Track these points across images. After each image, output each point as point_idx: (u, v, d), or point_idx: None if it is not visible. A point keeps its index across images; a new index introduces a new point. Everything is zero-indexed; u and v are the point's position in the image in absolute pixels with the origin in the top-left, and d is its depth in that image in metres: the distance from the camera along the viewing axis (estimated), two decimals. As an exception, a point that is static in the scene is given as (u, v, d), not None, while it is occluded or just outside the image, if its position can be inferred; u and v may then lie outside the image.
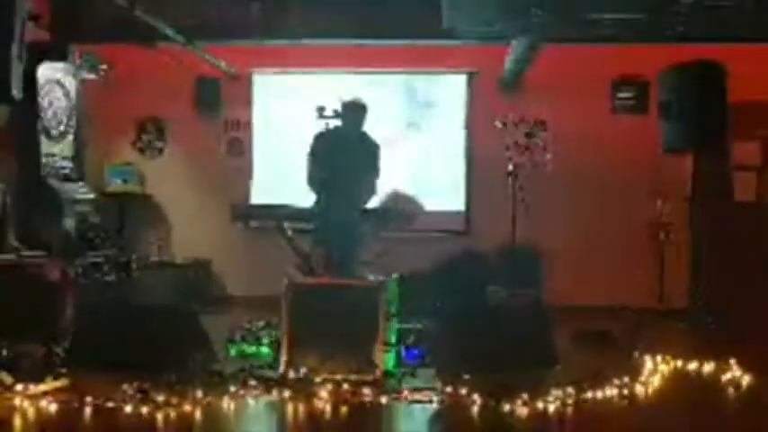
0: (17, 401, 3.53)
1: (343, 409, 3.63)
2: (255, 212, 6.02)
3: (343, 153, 5.39)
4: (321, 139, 5.55)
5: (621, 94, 7.44)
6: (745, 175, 7.06)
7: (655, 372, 4.35)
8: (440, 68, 7.61)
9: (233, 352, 4.57)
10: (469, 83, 7.60)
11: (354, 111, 5.50)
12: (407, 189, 6.97)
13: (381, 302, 4.14)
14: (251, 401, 3.73)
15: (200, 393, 3.66)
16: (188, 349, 4.17)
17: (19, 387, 3.69)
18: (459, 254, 5.65)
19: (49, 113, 6.34)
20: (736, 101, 5.56)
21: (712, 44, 6.13)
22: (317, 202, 5.41)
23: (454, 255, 5.54)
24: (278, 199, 6.84)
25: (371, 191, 5.50)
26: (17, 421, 3.33)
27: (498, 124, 7.15)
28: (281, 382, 3.95)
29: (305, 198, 5.61)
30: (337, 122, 5.51)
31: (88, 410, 3.45)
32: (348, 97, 5.53)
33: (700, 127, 5.45)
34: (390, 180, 7.34)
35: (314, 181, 5.48)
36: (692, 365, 4.53)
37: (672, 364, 4.54)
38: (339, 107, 5.47)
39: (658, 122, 5.81)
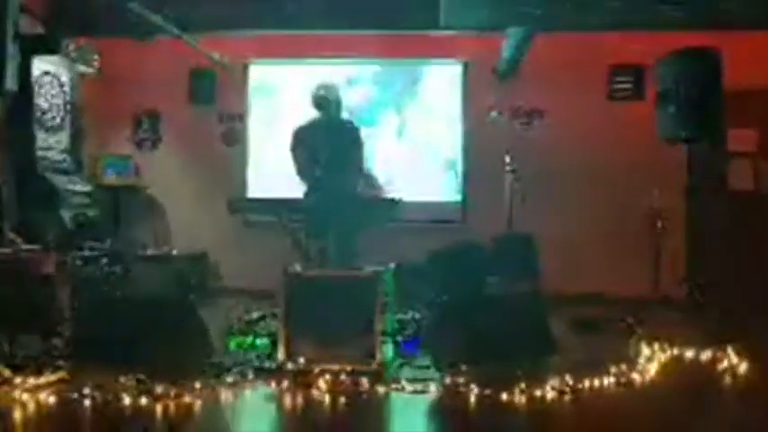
0: (16, 394, 3.54)
1: (342, 399, 3.64)
2: (253, 205, 6.03)
3: (330, 141, 5.44)
4: (303, 132, 5.61)
5: (618, 82, 7.42)
6: (742, 162, 7.08)
7: (652, 360, 4.36)
8: (436, 58, 7.60)
9: (231, 344, 4.57)
10: (465, 72, 7.59)
11: (332, 100, 5.55)
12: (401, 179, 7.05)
13: (378, 293, 4.14)
14: (249, 393, 3.75)
15: (198, 385, 3.66)
16: (186, 341, 4.17)
17: (18, 380, 3.69)
18: (457, 244, 5.65)
19: (45, 106, 6.33)
20: (732, 88, 5.56)
21: (708, 31, 6.12)
22: (308, 194, 5.44)
23: (451, 245, 5.55)
24: (275, 190, 6.88)
25: (360, 171, 5.67)
26: (16, 414, 3.33)
27: (494, 114, 7.14)
28: (280, 373, 3.96)
29: (301, 189, 5.63)
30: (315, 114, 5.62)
31: (87, 403, 3.46)
32: (322, 90, 5.56)
33: (695, 115, 5.45)
34: (387, 170, 7.43)
35: (305, 172, 5.51)
36: (689, 353, 4.55)
37: (669, 351, 4.56)
38: (316, 99, 5.53)
39: (655, 109, 5.81)
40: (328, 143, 5.44)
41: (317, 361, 4.02)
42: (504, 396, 3.60)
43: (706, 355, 4.50)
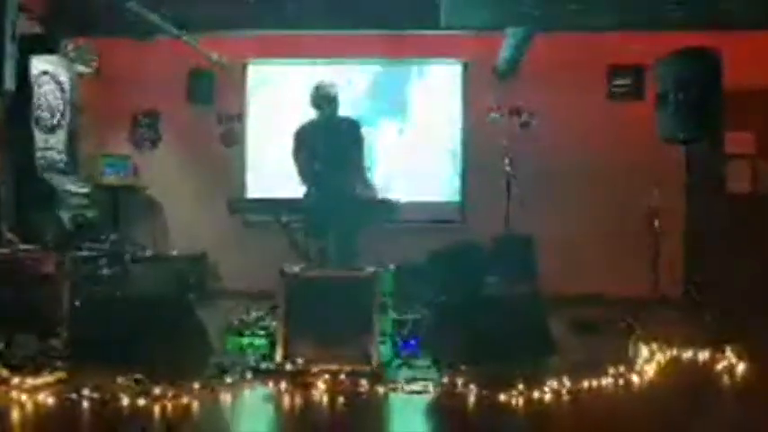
0: (14, 395, 3.53)
1: (340, 399, 3.64)
2: (252, 205, 6.02)
3: (329, 140, 5.43)
4: (303, 133, 5.60)
5: (617, 82, 7.42)
6: (739, 164, 7.08)
7: (651, 360, 4.36)
8: (436, 58, 7.59)
9: (229, 344, 4.56)
10: (465, 72, 7.58)
11: (331, 99, 5.54)
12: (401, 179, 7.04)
13: (377, 293, 4.14)
14: (248, 393, 3.74)
15: (196, 385, 3.66)
16: (185, 342, 4.17)
17: (16, 380, 3.69)
18: (456, 244, 5.66)
19: (43, 106, 6.31)
20: (730, 89, 5.56)
21: (707, 31, 6.12)
22: (308, 194, 5.43)
23: (451, 245, 5.55)
24: (274, 191, 6.86)
25: (361, 168, 5.63)
26: (14, 414, 3.33)
27: (493, 115, 7.14)
28: (278, 374, 3.96)
29: (301, 189, 5.62)
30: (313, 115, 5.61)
31: (85, 403, 3.45)
32: (320, 89, 5.55)
33: (695, 116, 5.45)
34: (386, 170, 7.42)
35: (306, 173, 5.50)
36: (688, 354, 4.55)
37: (668, 352, 4.56)
38: (314, 98, 5.52)
39: (654, 109, 5.81)
40: (328, 142, 5.42)
41: (315, 361, 4.01)
42: (503, 397, 3.59)
43: (704, 356, 4.50)
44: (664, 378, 4.11)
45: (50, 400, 3.47)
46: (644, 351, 4.52)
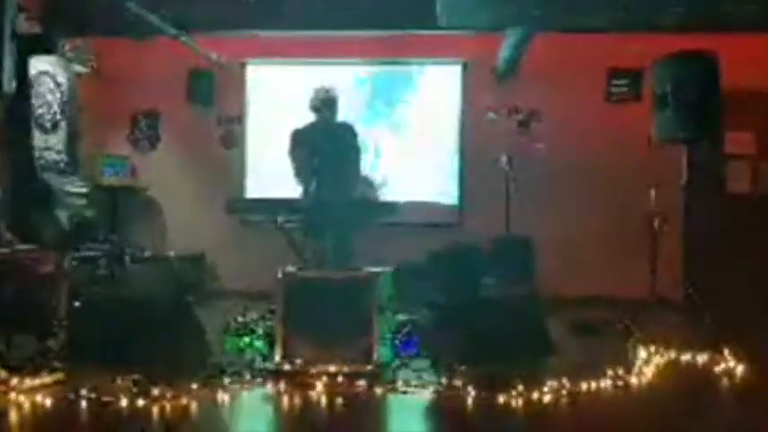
0: (12, 396, 3.53)
1: (338, 400, 3.63)
2: (250, 206, 6.02)
3: (328, 143, 5.44)
4: (301, 134, 5.62)
5: (615, 83, 7.42)
6: (739, 165, 7.08)
7: (649, 362, 4.36)
8: (436, 58, 7.59)
9: (228, 345, 4.56)
10: (464, 73, 7.58)
11: (330, 103, 5.56)
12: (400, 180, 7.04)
13: (376, 294, 4.14)
14: (246, 394, 3.74)
15: (195, 386, 3.66)
16: (183, 342, 4.17)
17: (14, 381, 3.68)
18: (455, 245, 5.66)
19: (42, 107, 6.31)
20: (729, 90, 5.56)
21: (705, 33, 6.12)
22: (306, 194, 5.44)
23: (449, 246, 5.55)
24: (273, 191, 6.86)
25: (357, 173, 5.69)
26: (13, 416, 3.32)
27: (492, 115, 7.14)
28: (277, 375, 3.95)
29: (299, 190, 5.62)
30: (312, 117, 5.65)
31: (83, 404, 3.45)
32: (322, 93, 5.58)
33: (693, 117, 5.44)
34: (385, 171, 7.42)
35: (303, 170, 5.51)
36: (687, 356, 4.54)
37: (666, 354, 4.55)
38: (314, 102, 5.54)
39: (652, 111, 5.81)
40: (326, 146, 5.43)
41: (314, 362, 4.01)
42: (502, 398, 3.59)
43: (703, 358, 4.50)
44: (662, 380, 4.11)
45: (49, 401, 3.46)
46: (642, 353, 4.51)
